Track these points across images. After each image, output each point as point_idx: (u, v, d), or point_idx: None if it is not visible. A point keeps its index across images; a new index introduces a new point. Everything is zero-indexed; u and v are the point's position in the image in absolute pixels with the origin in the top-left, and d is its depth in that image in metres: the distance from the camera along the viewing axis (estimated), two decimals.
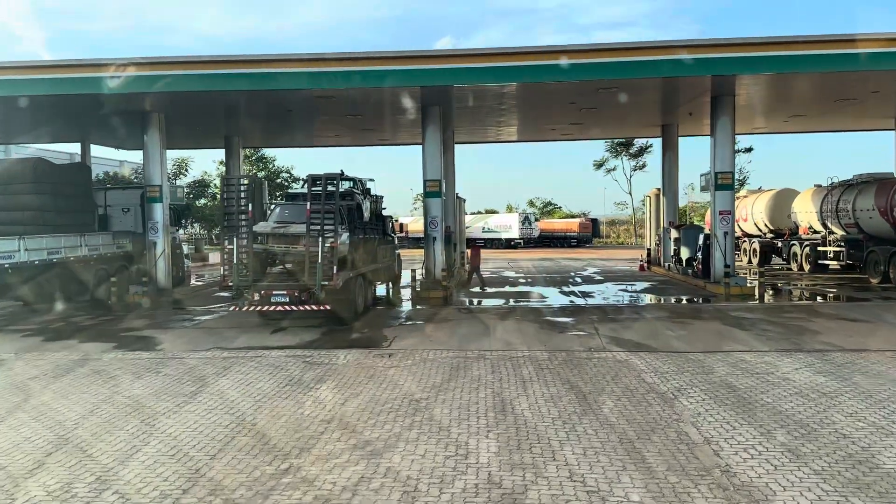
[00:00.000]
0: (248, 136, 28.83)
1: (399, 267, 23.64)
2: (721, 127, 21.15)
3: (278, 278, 15.38)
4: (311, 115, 22.95)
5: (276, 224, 15.99)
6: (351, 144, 32.71)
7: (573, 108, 22.93)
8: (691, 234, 24.45)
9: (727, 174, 21.19)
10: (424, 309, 18.46)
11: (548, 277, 27.37)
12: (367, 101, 20.67)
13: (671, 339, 13.49)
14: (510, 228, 64.68)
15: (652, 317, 16.16)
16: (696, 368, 10.79)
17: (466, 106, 22.49)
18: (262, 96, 19.89)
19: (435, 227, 21.58)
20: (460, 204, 30.55)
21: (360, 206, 18.62)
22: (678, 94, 21.61)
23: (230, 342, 13.72)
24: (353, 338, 14.16)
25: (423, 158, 21.53)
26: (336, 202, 14.98)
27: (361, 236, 18.19)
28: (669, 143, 28.15)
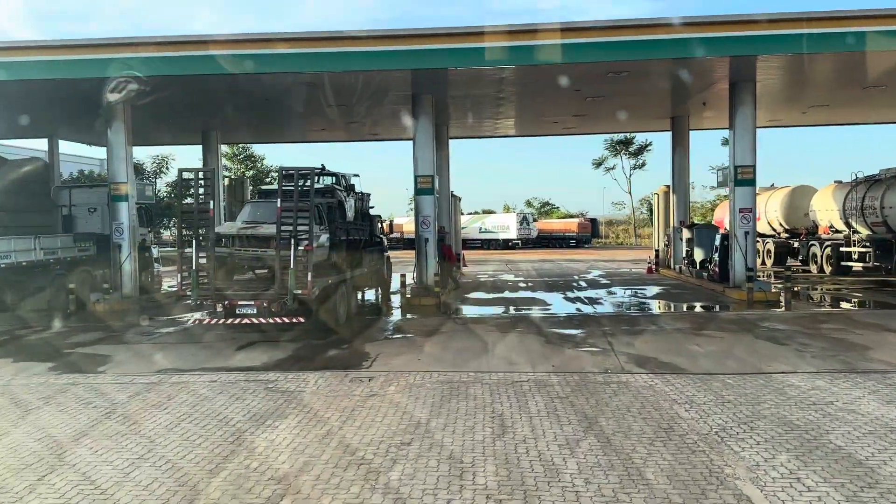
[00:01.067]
0: (227, 130, 26.88)
1: (389, 271, 21.74)
2: (740, 116, 19.29)
3: (246, 287, 13.45)
4: (291, 107, 21.02)
5: (243, 224, 14.08)
6: (340, 140, 30.79)
7: (578, 97, 21.04)
8: (706, 235, 22.59)
9: (748, 168, 19.31)
10: (415, 319, 16.54)
11: (549, 281, 25.47)
12: (352, 90, 18.76)
13: (699, 356, 11.59)
14: (508, 229, 62.99)
15: (672, 328, 14.26)
16: (738, 397, 8.90)
17: (461, 95, 20.59)
18: (233, 84, 17.96)
19: (427, 228, 19.68)
20: (455, 203, 28.67)
21: (343, 205, 16.72)
22: (693, 81, 19.72)
23: (186, 361, 11.80)
24: (331, 355, 12.23)
25: (414, 152, 19.63)
26: (311, 199, 13.06)
27: (344, 238, 16.30)
28: (680, 136, 26.26)
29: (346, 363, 11.51)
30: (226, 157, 51.34)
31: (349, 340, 13.46)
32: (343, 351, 12.55)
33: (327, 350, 12.62)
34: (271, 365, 11.41)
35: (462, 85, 19.32)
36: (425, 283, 19.40)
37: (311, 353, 12.42)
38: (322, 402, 8.94)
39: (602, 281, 24.98)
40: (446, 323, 15.58)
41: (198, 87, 18.91)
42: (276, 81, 17.46)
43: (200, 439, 7.49)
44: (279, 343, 13.11)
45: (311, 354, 12.27)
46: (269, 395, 9.38)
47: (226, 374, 10.74)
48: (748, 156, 19.31)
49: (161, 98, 20.07)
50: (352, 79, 17.43)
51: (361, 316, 16.77)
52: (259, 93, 19.11)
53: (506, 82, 18.90)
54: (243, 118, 23.66)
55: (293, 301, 12.59)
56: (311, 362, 11.60)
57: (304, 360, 11.85)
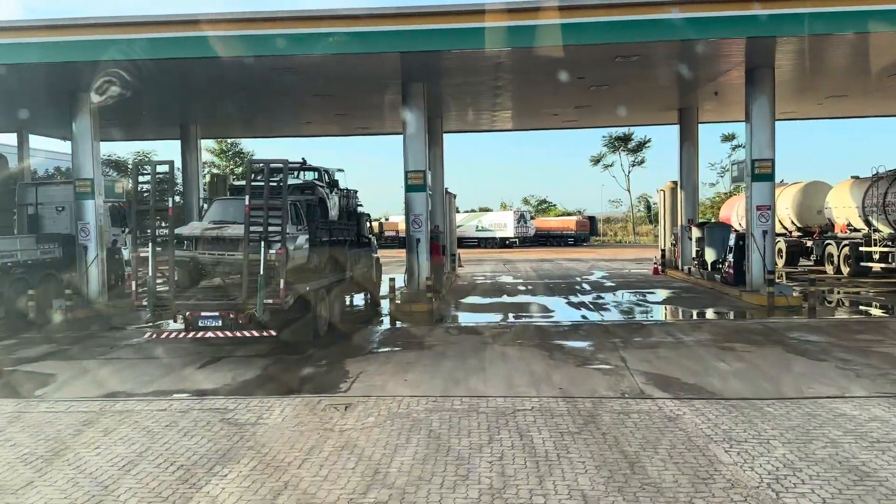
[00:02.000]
0: (207, 123, 25.31)
1: (378, 274, 20.20)
2: (758, 106, 17.81)
3: (210, 295, 11.91)
4: (272, 97, 19.48)
5: (209, 225, 12.54)
6: (328, 134, 29.30)
7: (581, 85, 19.52)
8: (718, 234, 21.10)
9: (766, 162, 17.83)
10: (404, 329, 15.02)
11: (550, 284, 23.96)
12: (336, 77, 17.24)
13: (728, 376, 10.09)
14: (505, 227, 61.59)
15: (691, 340, 12.75)
16: (784, 432, 7.40)
17: (456, 83, 19.08)
18: (208, 70, 16.41)
19: (419, 227, 18.16)
20: (450, 200, 27.16)
21: (325, 202, 15.20)
22: (705, 67, 18.25)
23: (138, 382, 10.27)
24: (305, 374, 10.71)
25: (405, 145, 18.13)
26: (284, 196, 11.51)
27: (326, 239, 14.79)
28: (688, 129, 24.75)
29: (322, 385, 9.99)
30: (213, 153, 49.77)
31: (329, 355, 11.93)
32: (320, 369, 11.02)
33: (302, 367, 11.09)
34: (234, 387, 9.88)
35: (456, 72, 17.80)
36: (417, 287, 17.88)
37: (283, 371, 10.89)
38: (285, 441, 7.42)
39: (606, 283, 23.47)
40: (439, 333, 14.07)
41: (170, 74, 17.35)
42: (252, 68, 15.91)
43: (127, 495, 5.97)
44: (248, 359, 11.59)
45: (283, 373, 10.75)
46: (224, 429, 7.85)
47: (180, 400, 9.21)
48: (766, 149, 17.84)
49: (133, 86, 18.59)
50: (335, 64, 15.89)
51: (346, 325, 15.24)
52: (234, 80, 17.56)
53: (503, 69, 17.38)
54: (223, 110, 22.11)
55: (263, 312, 11.06)
56: (281, 384, 10.08)
57: (273, 380, 10.33)
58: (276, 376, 10.57)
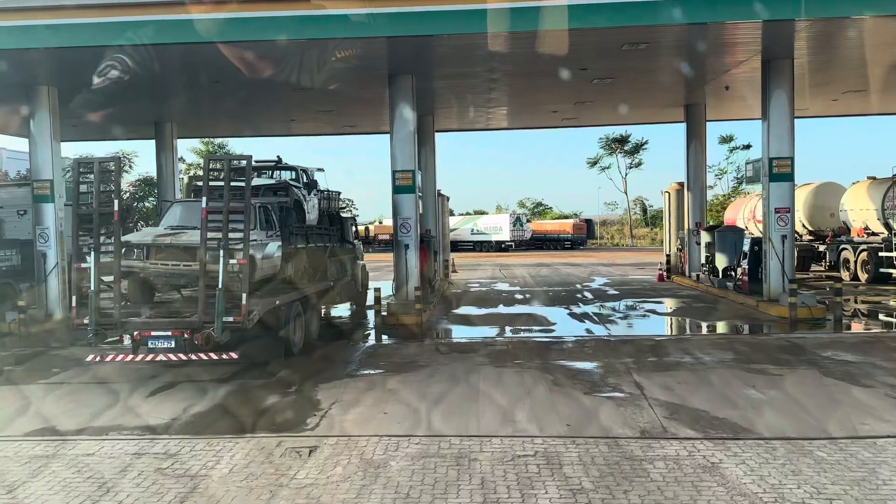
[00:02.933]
0: (183, 122, 23.77)
1: (364, 282, 18.75)
2: (776, 100, 16.41)
3: (165, 312, 10.40)
4: (248, 91, 17.97)
5: (163, 231, 11.04)
6: (312, 133, 27.84)
7: (583, 79, 18.08)
8: (730, 239, 19.66)
9: (785, 161, 16.42)
10: (390, 346, 13.53)
11: (550, 291, 22.47)
12: (314, 67, 15.74)
13: (762, 407, 8.62)
14: (501, 230, 60.28)
15: (711, 359, 11.28)
16: (849, 487, 5.96)
17: (447, 75, 17.63)
18: (170, 59, 14.92)
19: (407, 232, 16.68)
20: (443, 203, 25.69)
21: (301, 205, 13.74)
22: (718, 57, 16.84)
23: (74, 415, 8.76)
24: (268, 405, 9.20)
25: (392, 143, 16.65)
26: (247, 198, 10.02)
27: (303, 245, 13.32)
28: (695, 127, 23.32)
29: (285, 420, 8.49)
30: (199, 154, 48.19)
31: (300, 379, 10.42)
32: (287, 397, 9.52)
33: (267, 396, 9.58)
34: (184, 423, 8.37)
35: (448, 62, 16.34)
36: (405, 297, 16.39)
37: (244, 401, 9.39)
38: (229, 501, 5.93)
39: (609, 291, 21.99)
40: (428, 350, 12.59)
41: (137, 64, 15.83)
42: (222, 57, 14.42)
43: None
44: (206, 385, 10.08)
45: (244, 404, 9.24)
46: (157, 485, 6.36)
47: (113, 441, 7.70)
48: (785, 146, 16.43)
49: (99, 78, 17.08)
50: (313, 52, 14.41)
51: (326, 341, 13.75)
52: (204, 72, 16.05)
53: (499, 59, 15.91)
54: (199, 106, 20.60)
55: (222, 332, 9.56)
56: (239, 419, 8.57)
57: (230, 413, 8.82)
58: (234, 408, 9.06)
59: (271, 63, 15.08)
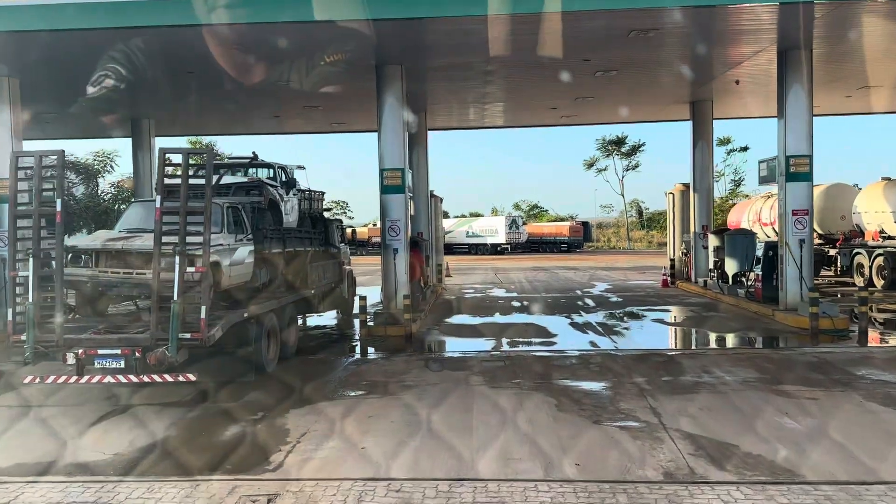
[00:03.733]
0: (162, 119, 22.48)
1: (351, 290, 17.50)
2: (793, 94, 15.27)
3: (114, 326, 9.14)
4: (225, 84, 16.70)
5: (116, 235, 9.79)
6: (299, 131, 26.61)
7: (586, 71, 16.90)
8: (740, 243, 18.49)
9: (803, 159, 15.27)
10: (374, 361, 12.30)
11: (549, 299, 21.24)
12: (293, 56, 14.53)
13: (802, 441, 7.41)
14: (496, 233, 59.15)
15: (734, 379, 10.07)
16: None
17: (439, 66, 16.44)
18: (138, 47, 13.66)
19: (396, 235, 15.46)
20: (436, 204, 24.46)
21: (278, 205, 12.50)
22: (731, 46, 15.68)
23: (5, 449, 7.51)
24: (229, 436, 7.95)
25: (379, 140, 15.46)
26: (208, 197, 8.78)
27: (279, 250, 12.07)
28: (701, 125, 22.13)
29: (246, 458, 7.23)
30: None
31: (270, 403, 9.18)
32: (252, 426, 8.27)
33: (229, 424, 8.33)
34: (125, 461, 7.12)
35: (440, 51, 15.15)
36: (393, 306, 15.16)
37: (202, 430, 8.15)
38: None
39: (612, 298, 20.77)
40: (417, 367, 11.35)
41: (103, 53, 14.60)
42: (193, 44, 13.20)
43: None
44: (162, 410, 8.83)
45: (199, 435, 8.00)
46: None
47: (36, 484, 6.46)
48: (803, 143, 15.28)
49: (65, 70, 15.89)
50: (290, 38, 13.18)
51: (304, 355, 12.51)
52: (176, 60, 14.81)
53: (495, 47, 14.69)
54: (177, 101, 19.30)
55: (177, 351, 8.32)
56: (192, 454, 7.32)
57: (184, 447, 7.57)
58: (189, 440, 7.82)
59: (248, 52, 13.86)
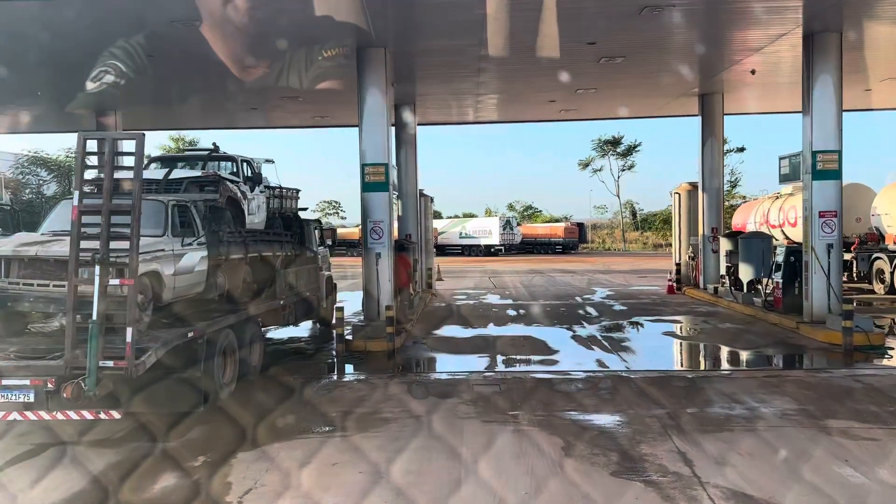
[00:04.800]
0: (130, 111, 20.83)
1: (330, 296, 15.90)
2: (821, 83, 13.79)
3: (31, 350, 7.52)
4: (191, 70, 15.10)
5: (34, 238, 8.18)
6: (280, 126, 24.97)
7: (590, 56, 15.39)
8: (756, 247, 16.96)
9: (831, 155, 13.78)
10: (349, 385, 10.68)
11: (547, 306, 19.66)
12: (260, 37, 12.94)
13: (875, 501, 5.86)
14: (490, 234, 57.67)
15: (772, 412, 8.50)
16: None
17: (426, 50, 14.89)
18: (83, 23, 12.07)
19: (379, 237, 13.89)
20: (426, 204, 22.89)
21: (239, 203, 10.91)
22: (753, 27, 14.14)
23: None
24: (155, 492, 6.35)
25: (361, 132, 13.91)
26: (137, 193, 7.17)
27: (241, 255, 10.48)
28: (711, 121, 20.60)
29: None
30: (166, 151, 45.09)
31: (216, 442, 7.59)
32: (187, 476, 6.66)
33: (159, 473, 6.72)
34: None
35: (428, 31, 13.62)
36: (376, 317, 13.58)
37: (122, 482, 6.53)
38: None
39: (615, 306, 19.20)
40: (398, 393, 9.76)
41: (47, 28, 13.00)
42: (144, 17, 11.60)
43: None
44: (88, 450, 7.22)
45: (119, 488, 6.39)
46: None
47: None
48: (832, 138, 13.80)
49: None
50: (258, 11, 11.59)
51: (269, 377, 10.91)
52: (129, 40, 13.18)
53: (490, 28, 13.14)
54: (143, 91, 17.67)
55: (96, 384, 6.71)
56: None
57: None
58: (104, 498, 6.21)
59: (210, 29, 12.26)
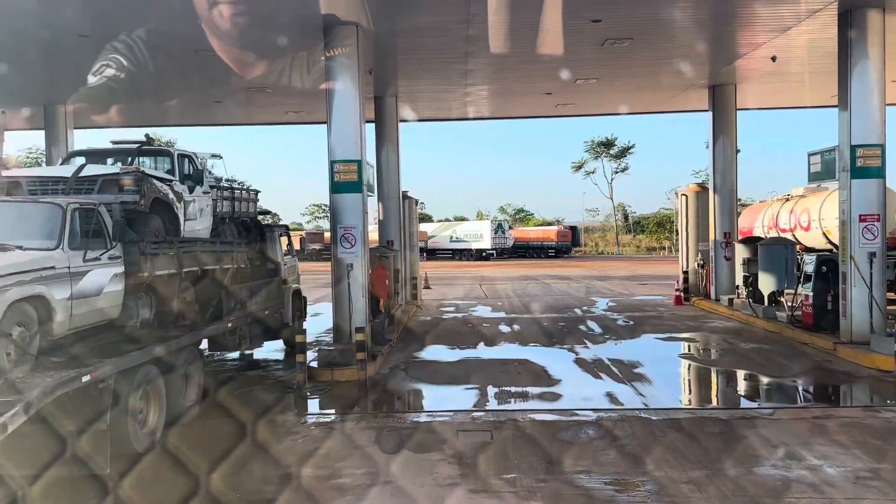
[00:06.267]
0: (81, 106, 18.76)
1: (300, 312, 13.96)
2: (860, 67, 12.04)
3: None
4: (135, 56, 13.11)
5: None
6: (250, 122, 22.99)
7: (594, 37, 13.52)
8: (778, 254, 15.10)
9: (873, 150, 11.99)
10: (302, 433, 8.61)
11: (543, 321, 17.66)
12: (210, 11, 10.96)
13: None
14: (481, 237, 55.91)
15: (842, 475, 6.59)
16: None
17: (407, 30, 12.95)
18: None
19: (351, 246, 11.94)
20: (410, 207, 20.93)
21: (171, 207, 8.94)
22: (781, 3, 12.31)
23: None
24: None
25: (329, 124, 11.97)
26: None
27: (172, 271, 8.50)
28: (723, 114, 18.72)
29: None
30: None
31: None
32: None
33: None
34: None
35: (408, 6, 11.68)
36: (346, 340, 11.62)
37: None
38: None
39: (619, 321, 17.25)
40: (362, 446, 7.80)
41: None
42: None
43: None
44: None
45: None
46: None
47: None
48: (874, 130, 12.03)
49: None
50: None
51: (208, 418, 8.92)
52: (57, 16, 11.19)
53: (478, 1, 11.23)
54: (82, 80, 15.61)
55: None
56: None
57: None
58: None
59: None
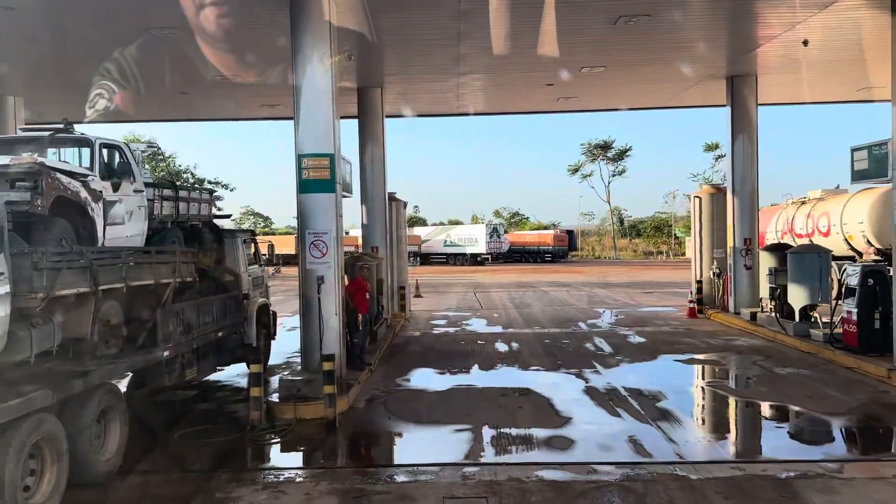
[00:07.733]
0: (33, 96, 16.99)
1: (266, 331, 12.15)
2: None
3: None
4: (80, 39, 11.36)
5: None
6: (220, 117, 21.26)
7: (606, 17, 11.79)
8: (811, 263, 13.36)
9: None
10: (247, 495, 6.79)
11: (545, 337, 15.84)
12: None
13: None
14: (476, 242, 54.42)
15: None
16: None
17: (391, 4, 11.20)
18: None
19: (321, 256, 10.15)
20: (398, 210, 19.14)
21: (84, 208, 7.12)
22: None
23: None
24: None
25: (296, 111, 10.18)
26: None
27: (84, 289, 6.69)
28: (743, 109, 16.96)
29: None
30: None
31: None
32: None
33: None
34: None
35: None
36: (314, 368, 9.81)
37: None
38: None
39: (630, 337, 15.43)
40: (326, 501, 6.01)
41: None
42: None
43: None
44: None
45: None
46: None
47: None
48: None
49: None
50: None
51: (128, 475, 7.12)
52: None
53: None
54: (44, 69, 13.88)
55: None
56: None
57: None
58: None
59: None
